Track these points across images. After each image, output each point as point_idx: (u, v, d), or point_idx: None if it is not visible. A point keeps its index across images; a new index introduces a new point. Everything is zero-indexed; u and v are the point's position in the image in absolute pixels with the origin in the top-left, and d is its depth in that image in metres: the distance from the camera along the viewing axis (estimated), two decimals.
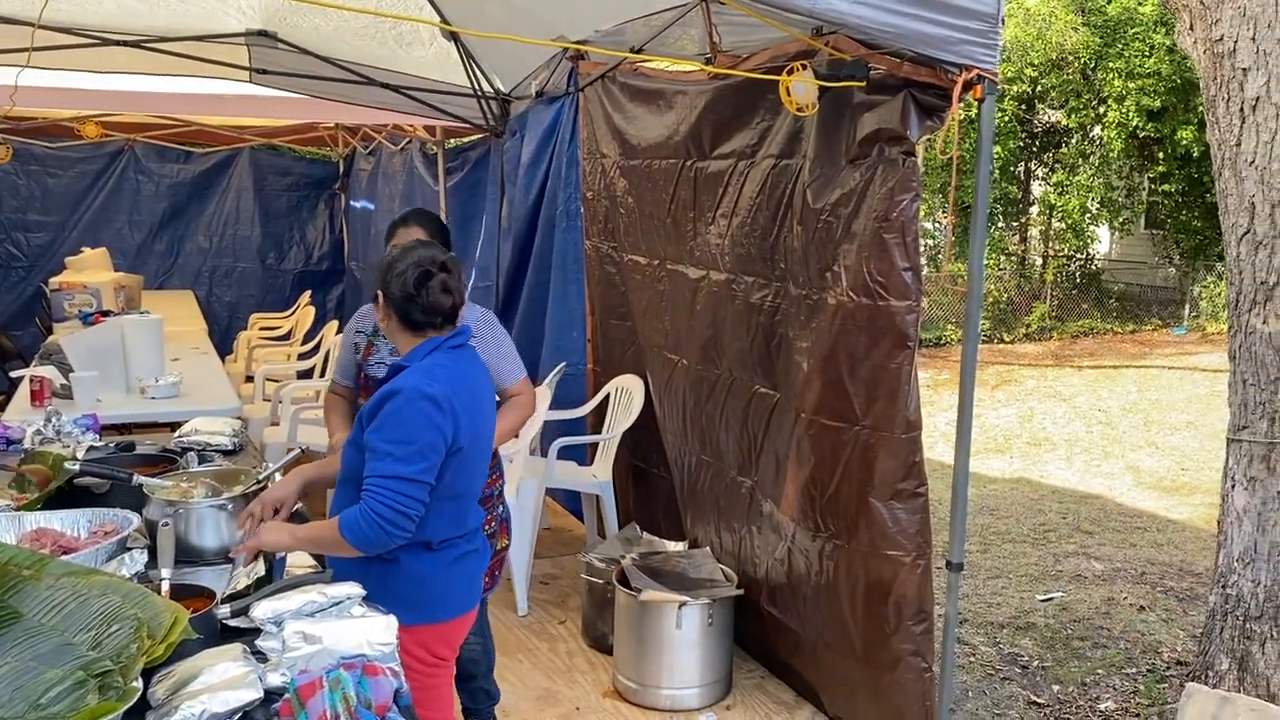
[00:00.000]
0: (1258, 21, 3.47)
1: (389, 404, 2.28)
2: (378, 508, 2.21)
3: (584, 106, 5.08)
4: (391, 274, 2.39)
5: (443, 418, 2.27)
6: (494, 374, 3.28)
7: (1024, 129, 16.98)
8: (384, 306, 2.42)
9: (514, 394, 3.32)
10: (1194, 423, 10.66)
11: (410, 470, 2.23)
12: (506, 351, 3.32)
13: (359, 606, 1.99)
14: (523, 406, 3.33)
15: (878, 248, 3.15)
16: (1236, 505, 3.65)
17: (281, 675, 1.80)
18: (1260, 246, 3.54)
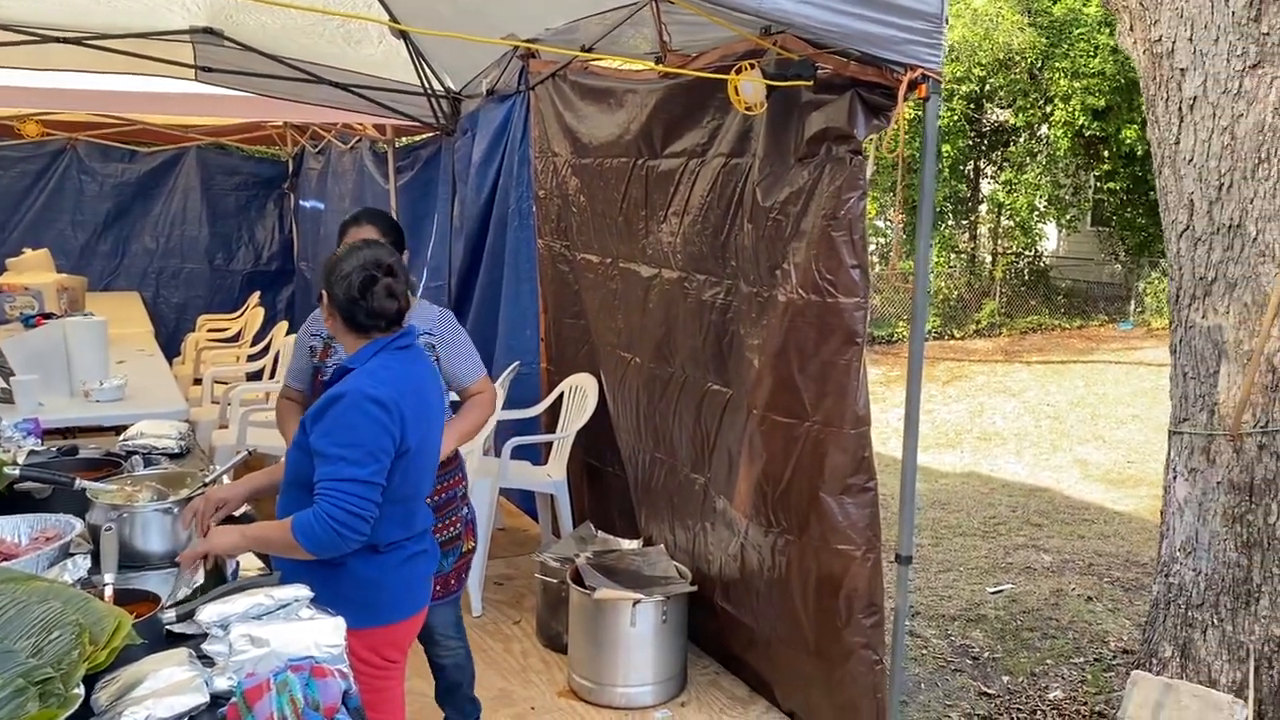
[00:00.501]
0: (1194, 23, 3.54)
1: (335, 407, 2.26)
2: (332, 511, 2.20)
3: (535, 105, 5.07)
4: (336, 276, 2.37)
5: (390, 420, 2.26)
6: (454, 374, 3.28)
7: (973, 128, 17.21)
8: (329, 308, 2.41)
9: (475, 393, 3.31)
10: (1140, 416, 10.88)
11: (363, 473, 2.22)
12: (466, 351, 3.30)
13: (307, 609, 1.97)
14: (484, 406, 3.32)
15: (826, 245, 3.18)
16: (1178, 496, 3.73)
17: (228, 679, 1.78)
18: (1199, 243, 3.62)
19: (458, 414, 3.33)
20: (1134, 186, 16.59)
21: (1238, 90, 3.46)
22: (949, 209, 17.43)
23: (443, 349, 3.24)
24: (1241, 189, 3.47)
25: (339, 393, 2.27)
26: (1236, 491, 3.50)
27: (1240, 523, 3.50)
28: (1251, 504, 3.47)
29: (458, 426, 3.24)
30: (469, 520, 3.33)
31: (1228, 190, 3.51)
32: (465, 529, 3.28)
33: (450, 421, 3.29)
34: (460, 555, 3.26)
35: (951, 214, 17.74)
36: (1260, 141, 3.41)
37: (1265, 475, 3.43)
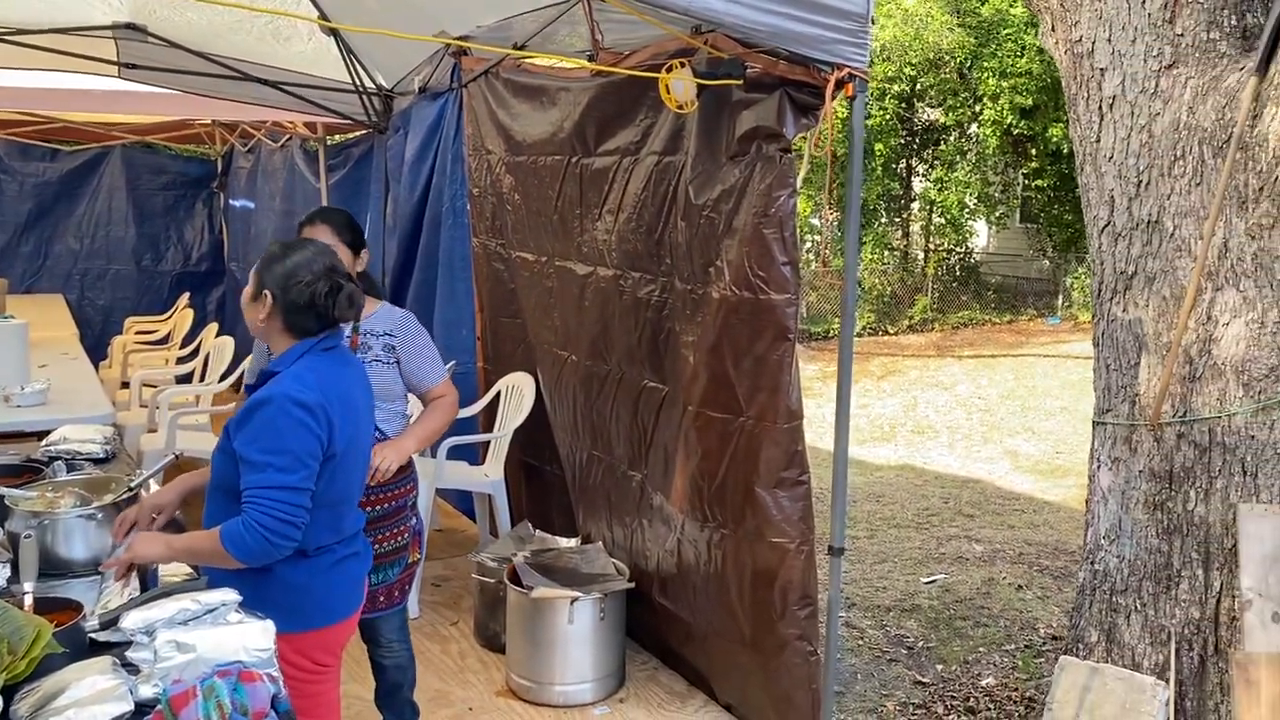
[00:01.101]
0: (1113, 24, 3.63)
1: (261, 412, 2.22)
2: (262, 519, 2.16)
3: (468, 102, 5.04)
4: (291, 280, 2.33)
5: (317, 424, 2.23)
6: (416, 376, 3.26)
7: (904, 127, 17.48)
8: (270, 307, 2.35)
9: (436, 396, 3.31)
10: (1068, 408, 11.14)
11: (292, 479, 2.19)
12: (428, 353, 3.29)
13: (235, 613, 1.95)
14: (446, 408, 3.30)
15: (758, 243, 3.21)
16: (1102, 485, 3.83)
17: (154, 686, 1.76)
18: (1120, 238, 3.71)
19: (419, 417, 3.31)
20: (1061, 184, 16.98)
21: (1154, 90, 3.56)
22: (882, 207, 17.69)
23: (404, 351, 3.22)
24: (1159, 186, 3.57)
25: (264, 397, 2.23)
26: (1157, 480, 3.60)
27: (1161, 510, 3.60)
28: (1171, 491, 3.57)
29: (419, 430, 3.22)
30: (417, 531, 3.30)
31: (1146, 187, 3.60)
32: (412, 540, 3.25)
33: (412, 425, 3.27)
34: (405, 566, 3.22)
35: (885, 212, 18.01)
36: (1176, 140, 3.51)
37: (1183, 463, 3.53)
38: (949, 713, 4.30)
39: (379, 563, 3.06)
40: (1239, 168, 3.35)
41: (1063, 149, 15.83)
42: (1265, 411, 3.41)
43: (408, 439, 3.15)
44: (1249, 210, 3.36)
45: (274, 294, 2.33)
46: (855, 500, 7.71)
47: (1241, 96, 3.30)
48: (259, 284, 2.37)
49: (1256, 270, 3.38)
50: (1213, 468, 3.48)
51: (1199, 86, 3.45)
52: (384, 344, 3.22)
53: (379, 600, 3.12)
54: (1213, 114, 3.41)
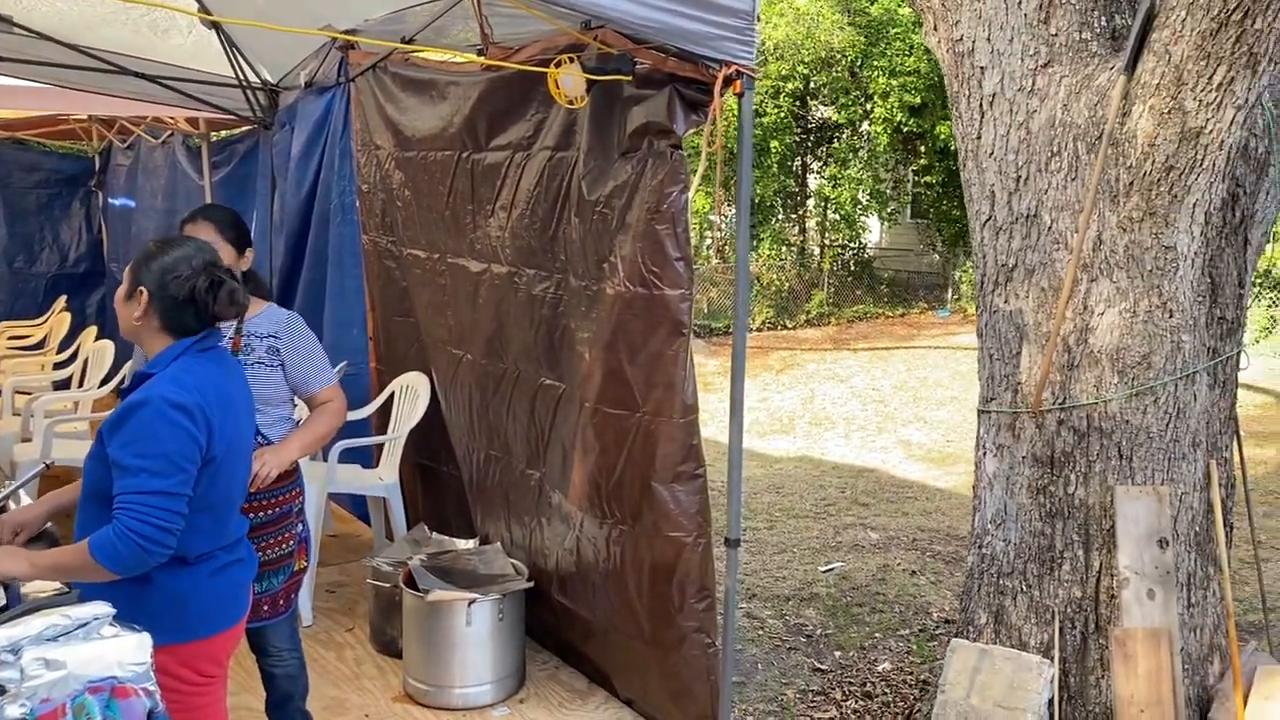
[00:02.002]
0: (992, 23, 3.74)
1: (136, 416, 2.13)
2: (135, 526, 2.07)
3: (356, 97, 4.94)
4: (170, 276, 2.24)
5: (196, 427, 2.15)
6: (301, 380, 3.17)
7: (799, 125, 17.76)
8: (146, 305, 2.26)
9: (323, 401, 3.23)
10: (957, 397, 11.47)
11: (167, 484, 2.10)
12: (315, 356, 3.21)
13: (109, 626, 1.86)
14: (333, 414, 3.23)
15: (651, 239, 3.22)
16: (988, 471, 3.94)
17: (21, 706, 1.67)
18: (1000, 232, 3.83)
19: (304, 422, 3.23)
20: (949, 180, 17.47)
21: (1031, 88, 3.68)
22: (779, 203, 17.96)
23: (289, 354, 3.14)
24: (1037, 181, 3.69)
25: (139, 399, 2.15)
26: (1039, 465, 3.73)
27: (1043, 494, 3.73)
28: (1053, 476, 3.70)
29: (303, 436, 3.14)
30: (303, 538, 3.22)
31: (1025, 182, 3.72)
32: (298, 547, 3.18)
33: (296, 430, 3.18)
34: (290, 575, 3.14)
35: (782, 208, 18.28)
36: (1052, 136, 3.63)
37: (1064, 449, 3.66)
38: (847, 698, 4.39)
39: (262, 570, 2.98)
40: (1110, 163, 3.49)
41: (950, 146, 16.28)
42: (1138, 397, 3.56)
43: (291, 445, 3.06)
44: (1120, 204, 3.50)
45: (150, 291, 2.25)
46: (755, 492, 7.81)
47: (1112, 94, 3.44)
48: (134, 281, 2.27)
49: (1128, 262, 3.53)
50: (1091, 452, 3.62)
51: (1073, 85, 3.58)
52: (268, 346, 3.13)
53: (263, 609, 3.05)
54: (1086, 111, 3.54)
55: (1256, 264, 4.07)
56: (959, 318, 17.29)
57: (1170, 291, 3.52)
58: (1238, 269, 3.77)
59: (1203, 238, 3.56)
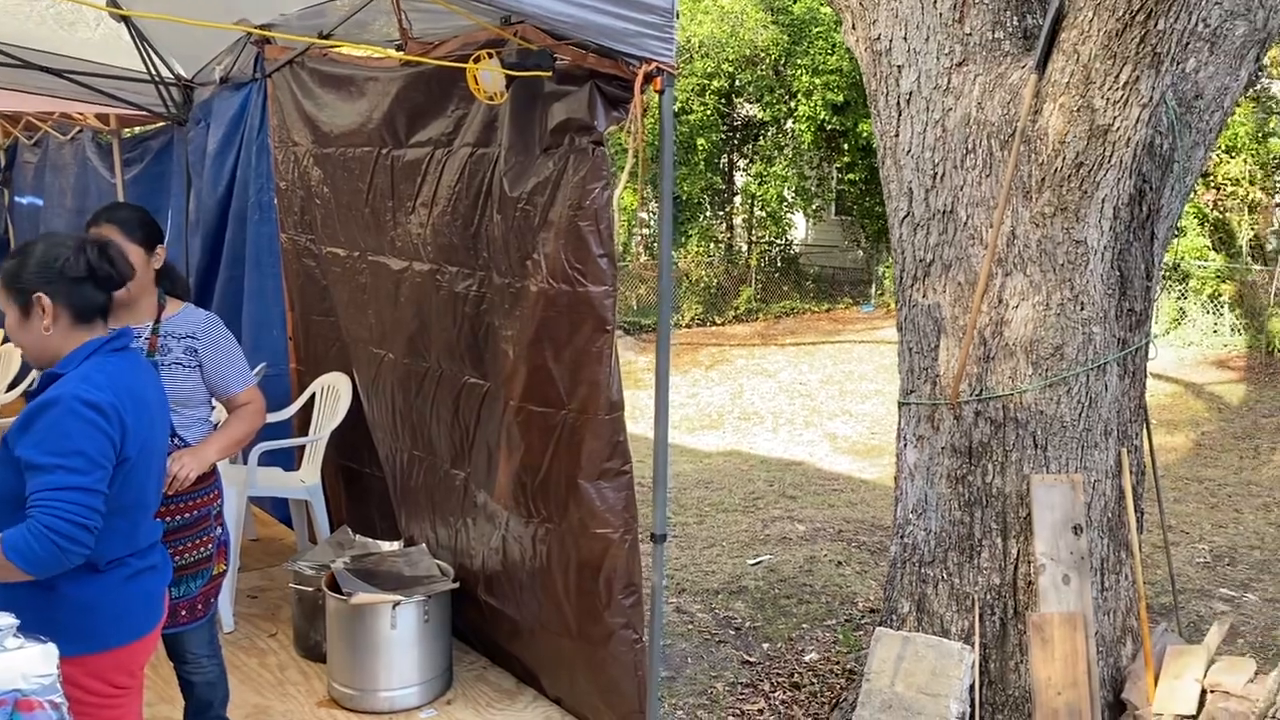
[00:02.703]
0: (908, 22, 3.80)
1: (46, 414, 2.07)
2: (53, 523, 2.01)
3: (273, 93, 4.84)
4: (55, 265, 2.18)
5: (110, 425, 2.10)
6: (219, 382, 3.12)
7: (725, 122, 17.85)
8: (50, 308, 2.19)
9: (242, 402, 3.18)
10: (881, 391, 11.65)
11: (84, 480, 2.05)
12: (234, 358, 3.16)
13: (13, 638, 1.80)
14: (252, 416, 3.19)
15: (574, 235, 3.21)
16: (908, 462, 4.01)
17: None
18: (918, 228, 3.89)
19: (223, 424, 3.18)
20: (871, 177, 17.71)
21: (947, 86, 3.75)
22: (707, 200, 18.04)
23: (206, 355, 3.09)
24: (953, 177, 3.76)
25: (50, 399, 2.08)
26: (958, 455, 3.80)
27: (962, 483, 3.80)
28: (971, 466, 3.78)
29: (221, 438, 3.09)
30: (222, 541, 3.16)
31: (941, 179, 3.79)
32: (217, 550, 3.12)
33: (214, 433, 3.13)
34: (209, 579, 3.08)
35: (709, 205, 18.36)
36: (967, 134, 3.71)
37: (981, 439, 3.74)
38: (775, 689, 4.43)
39: (179, 575, 2.93)
40: (1023, 160, 3.57)
41: (872, 144, 16.44)
42: (1052, 387, 3.65)
43: (209, 447, 3.02)
44: (1033, 200, 3.59)
45: (46, 292, 2.18)
46: (685, 487, 7.84)
47: (1024, 93, 3.52)
48: (20, 297, 2.19)
49: (1041, 256, 3.61)
50: (1007, 442, 3.71)
51: (987, 83, 3.66)
52: (185, 347, 3.08)
53: (180, 615, 2.98)
54: (999, 109, 3.62)
55: (1163, 257, 4.21)
56: (883, 312, 17.56)
57: (1081, 284, 3.62)
58: (1145, 262, 3.89)
59: (1111, 232, 3.67)
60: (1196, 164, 4.07)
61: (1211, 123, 4.02)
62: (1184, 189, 4.03)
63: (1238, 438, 9.71)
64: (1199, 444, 9.47)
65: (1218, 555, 6.34)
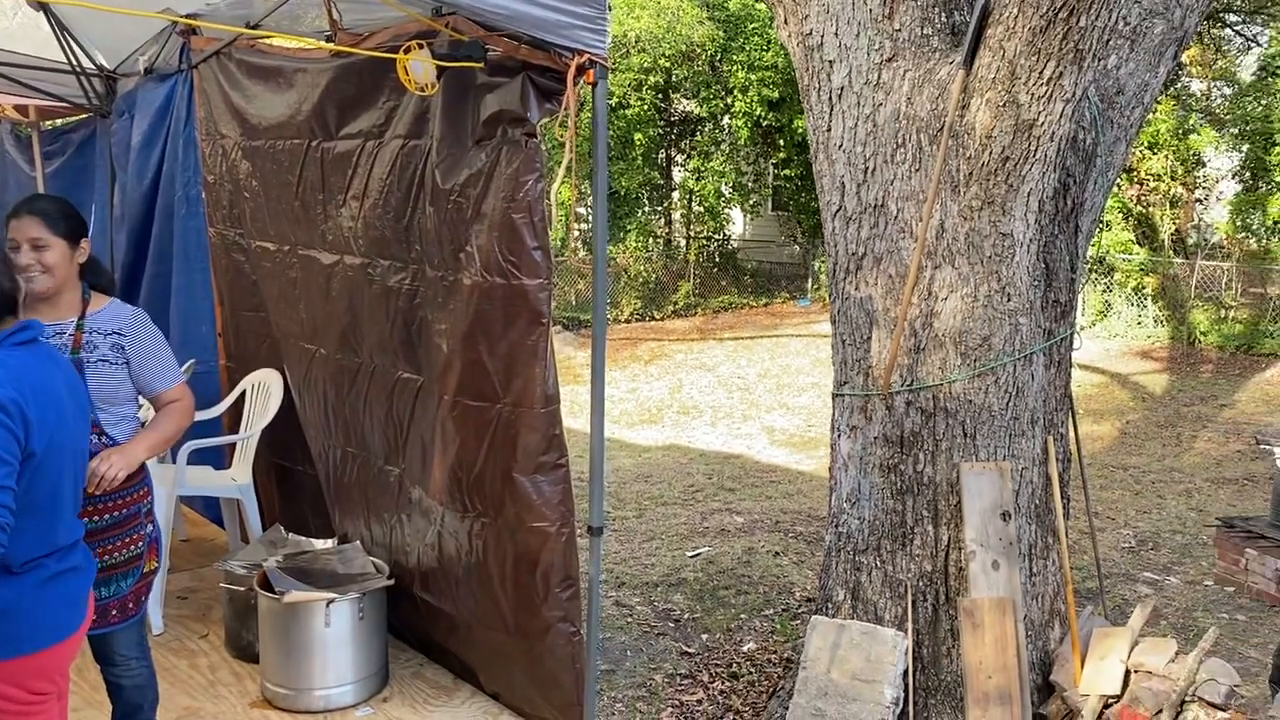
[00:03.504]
0: (839, 18, 3.84)
1: None
2: None
3: (199, 84, 4.74)
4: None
5: (12, 421, 2.03)
6: (146, 380, 3.05)
7: (662, 117, 17.90)
8: None
9: (170, 400, 3.10)
10: (817, 384, 11.78)
11: None
12: (161, 355, 3.09)
13: None
14: (180, 414, 3.10)
15: (508, 228, 3.19)
16: (842, 452, 4.06)
17: None
18: (850, 221, 3.94)
19: (151, 422, 3.10)
20: (807, 173, 17.88)
21: (877, 81, 3.80)
22: (645, 196, 18.07)
23: (134, 351, 3.01)
24: (883, 172, 3.81)
25: None
26: (890, 445, 3.86)
27: (894, 472, 3.86)
28: (902, 455, 3.84)
29: (150, 436, 3.01)
30: (154, 539, 3.09)
31: (872, 173, 3.84)
32: (148, 548, 3.05)
33: (143, 430, 3.06)
34: (140, 577, 3.01)
35: (647, 200, 18.40)
36: (898, 128, 3.76)
37: (912, 428, 3.80)
38: (714, 680, 4.46)
39: (110, 574, 2.87)
40: (951, 154, 3.63)
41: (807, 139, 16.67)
42: (980, 377, 3.72)
43: (137, 445, 2.95)
44: (961, 193, 3.65)
45: None
46: (625, 481, 7.86)
47: (951, 88, 3.58)
48: None
49: (969, 249, 3.68)
50: (937, 431, 3.77)
51: (916, 79, 3.71)
52: (112, 343, 3.00)
53: (111, 614, 2.92)
54: (928, 104, 3.67)
55: (1087, 250, 4.31)
56: (819, 306, 17.76)
57: (1008, 276, 3.69)
58: (1070, 255, 3.98)
59: (1037, 225, 3.75)
60: (1118, 159, 4.17)
61: (1133, 118, 4.13)
62: (1106, 183, 4.13)
63: (1160, 426, 9.99)
64: (1124, 432, 9.73)
65: (1141, 540, 6.52)
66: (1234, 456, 8.85)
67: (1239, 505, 7.27)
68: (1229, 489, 7.81)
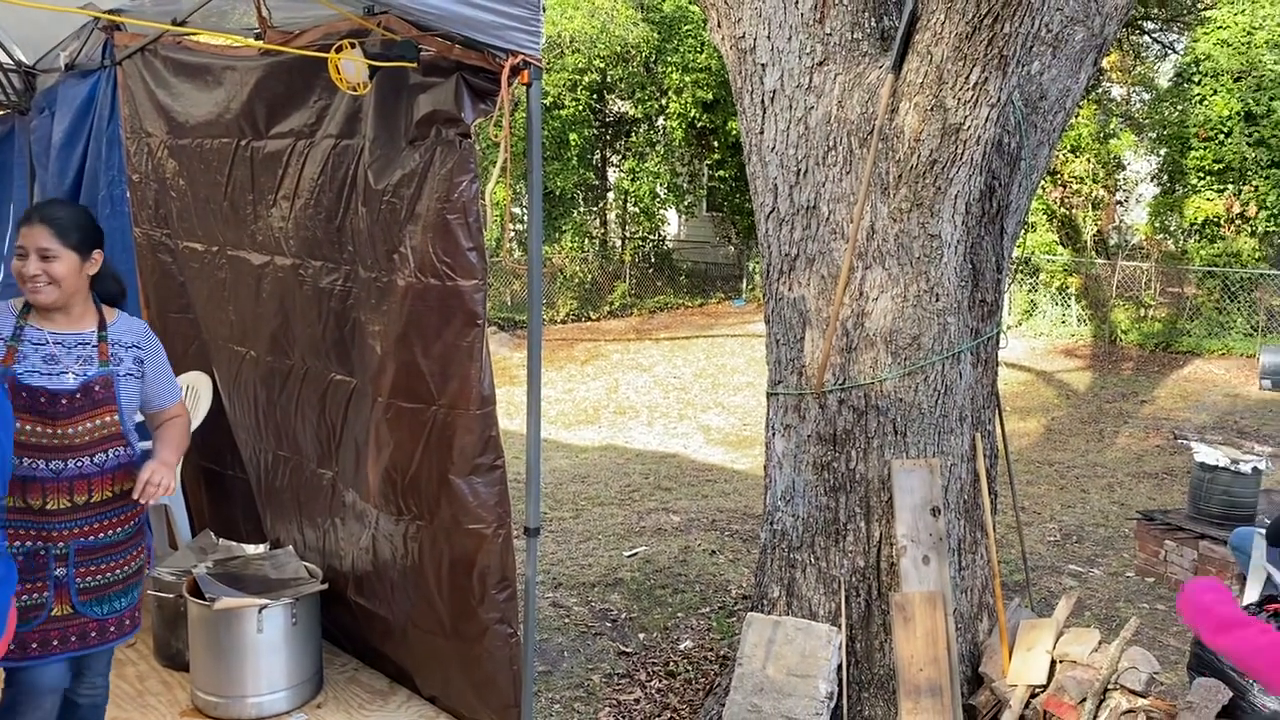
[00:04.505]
0: (771, 22, 3.89)
1: None
2: None
3: (123, 81, 4.63)
4: None
5: None
6: (157, 394, 3.00)
7: (597, 118, 17.90)
8: None
9: (174, 415, 3.08)
10: (753, 383, 11.89)
11: None
12: (169, 370, 3.07)
13: None
14: (187, 428, 3.11)
15: (442, 229, 3.18)
16: (777, 451, 4.11)
17: None
18: (783, 223, 3.99)
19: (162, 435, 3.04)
20: (741, 174, 17.98)
21: (809, 85, 3.85)
22: (580, 196, 18.06)
23: (150, 366, 2.97)
24: (815, 174, 3.87)
25: None
26: (823, 443, 3.92)
27: (827, 470, 3.92)
28: (835, 452, 3.90)
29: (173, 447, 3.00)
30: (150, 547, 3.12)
31: (804, 175, 3.90)
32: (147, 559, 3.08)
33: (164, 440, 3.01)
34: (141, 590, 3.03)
35: (583, 201, 18.39)
36: (829, 131, 3.82)
37: (844, 426, 3.86)
38: (651, 678, 4.48)
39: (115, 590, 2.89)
40: (881, 157, 3.70)
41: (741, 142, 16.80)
42: (910, 376, 3.80)
43: (169, 455, 2.95)
44: (890, 196, 3.72)
45: None
46: (561, 482, 7.85)
47: (881, 92, 3.64)
48: None
49: (899, 250, 3.75)
50: (869, 429, 3.84)
51: (846, 82, 3.77)
52: (134, 357, 2.94)
53: (109, 631, 2.90)
54: (858, 108, 3.73)
55: (1012, 251, 4.42)
56: (754, 307, 17.92)
57: (936, 277, 3.77)
58: (996, 255, 4.07)
59: (964, 227, 3.83)
60: (1042, 162, 4.28)
61: (1055, 123, 4.24)
62: (1030, 186, 4.24)
63: (1084, 422, 10.26)
64: (1049, 429, 9.97)
65: (1066, 533, 6.70)
66: (1154, 451, 9.13)
67: (1159, 499, 7.51)
68: (1149, 483, 8.06)
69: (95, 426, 2.80)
